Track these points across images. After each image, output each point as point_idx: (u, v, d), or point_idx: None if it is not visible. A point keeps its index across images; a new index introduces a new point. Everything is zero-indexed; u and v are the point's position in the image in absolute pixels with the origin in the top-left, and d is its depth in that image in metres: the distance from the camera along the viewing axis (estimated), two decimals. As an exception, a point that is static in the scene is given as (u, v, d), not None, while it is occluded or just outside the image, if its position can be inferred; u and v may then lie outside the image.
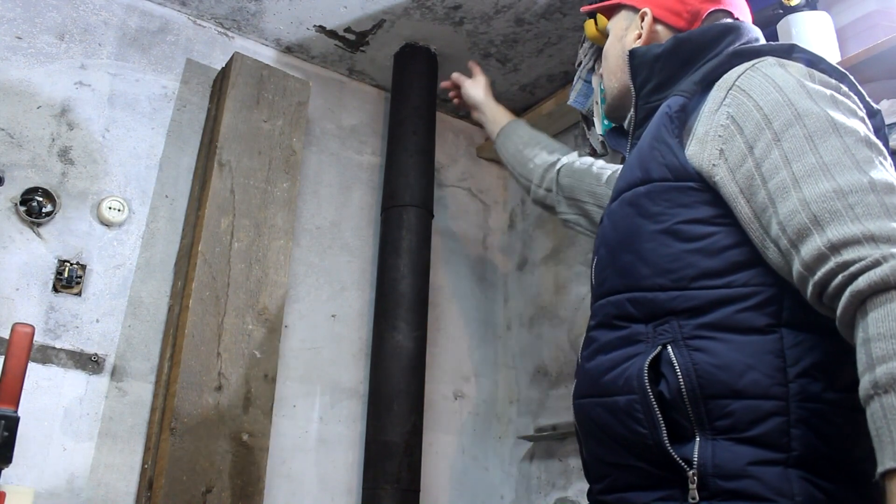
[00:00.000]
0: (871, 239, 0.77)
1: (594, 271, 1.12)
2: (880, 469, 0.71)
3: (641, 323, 0.96)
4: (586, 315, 2.58)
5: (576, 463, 2.46)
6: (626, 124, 1.20)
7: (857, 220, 0.78)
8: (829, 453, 0.84)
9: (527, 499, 2.62)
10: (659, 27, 1.18)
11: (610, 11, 1.31)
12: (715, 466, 0.85)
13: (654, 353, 0.92)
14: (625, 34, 1.23)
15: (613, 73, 1.24)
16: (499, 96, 2.97)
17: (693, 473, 0.86)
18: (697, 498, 0.86)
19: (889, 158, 0.88)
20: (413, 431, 2.26)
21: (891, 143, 1.48)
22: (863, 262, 0.76)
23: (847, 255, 0.78)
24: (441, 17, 2.55)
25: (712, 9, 1.17)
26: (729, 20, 1.16)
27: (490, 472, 2.73)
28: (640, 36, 1.18)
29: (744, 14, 1.21)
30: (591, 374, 1.02)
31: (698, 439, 0.88)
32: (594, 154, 2.29)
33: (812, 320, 0.86)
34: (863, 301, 0.76)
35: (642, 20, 1.19)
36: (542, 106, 2.83)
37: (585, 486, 2.39)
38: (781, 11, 1.76)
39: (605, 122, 1.41)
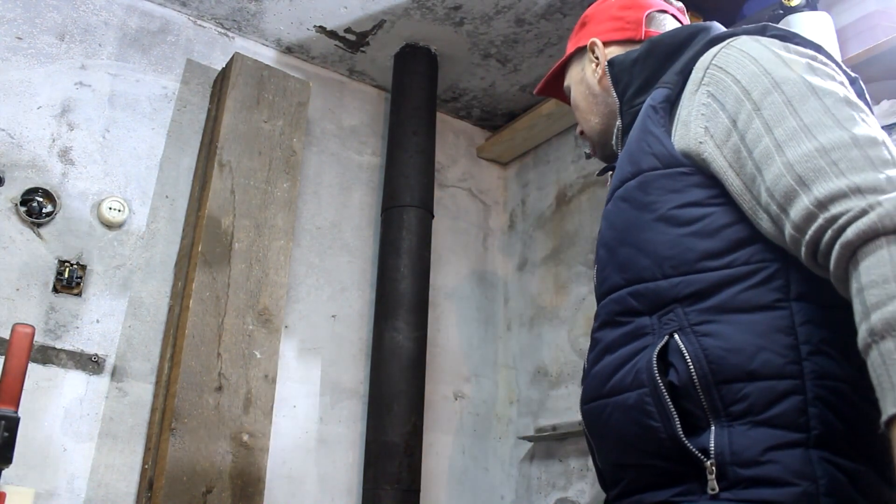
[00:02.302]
0: (858, 191, 0.76)
1: (595, 274, 1.11)
2: (884, 417, 0.70)
3: (645, 315, 0.95)
4: (586, 315, 2.59)
5: (576, 464, 2.46)
6: (614, 140, 1.21)
7: (841, 175, 0.78)
8: (847, 432, 0.82)
9: (527, 499, 2.62)
10: (611, 48, 1.24)
11: (562, 73, 1.37)
12: (733, 454, 0.83)
13: (661, 344, 0.90)
14: (583, 74, 1.28)
15: (590, 112, 1.27)
16: (499, 97, 2.98)
17: (711, 463, 0.84)
18: (717, 489, 0.84)
19: (872, 115, 0.88)
20: (413, 432, 2.26)
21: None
22: (850, 214, 0.75)
23: (834, 209, 0.77)
24: (441, 18, 2.55)
25: (648, 11, 1.23)
26: (667, 17, 1.23)
27: (490, 473, 2.73)
28: (597, 65, 1.23)
29: (677, 11, 1.27)
30: (599, 376, 1.00)
31: (713, 427, 0.85)
32: (594, 154, 2.29)
33: (822, 293, 0.85)
34: (853, 252, 0.75)
35: (593, 52, 1.25)
36: (542, 106, 2.83)
37: (585, 486, 2.40)
38: (781, 12, 1.76)
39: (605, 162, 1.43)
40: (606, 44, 1.23)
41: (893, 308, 0.70)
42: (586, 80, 1.26)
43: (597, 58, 1.23)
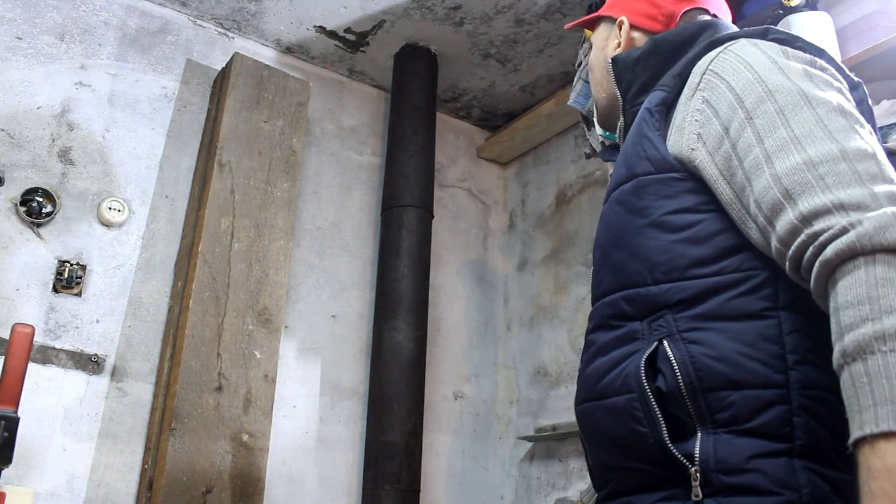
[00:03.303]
0: (841, 207, 0.76)
1: (592, 275, 1.12)
2: (851, 439, 0.70)
3: (637, 320, 0.95)
4: (586, 315, 2.59)
5: (576, 464, 2.46)
6: (617, 135, 1.20)
7: (827, 190, 0.78)
8: (833, 442, 0.82)
9: (527, 499, 2.62)
10: (636, 33, 1.20)
11: (592, 24, 1.34)
12: (717, 461, 0.84)
13: (650, 350, 0.91)
14: (606, 44, 1.25)
15: (600, 83, 1.25)
16: (499, 97, 2.98)
17: (695, 470, 0.84)
18: (700, 495, 0.84)
19: (868, 126, 0.87)
20: (413, 432, 2.26)
21: (890, 144, 1.48)
22: (831, 231, 0.76)
23: (817, 225, 0.77)
24: (441, 18, 2.55)
25: (687, 8, 1.17)
26: (706, 17, 1.17)
27: (490, 473, 2.73)
28: (619, 45, 1.20)
29: (721, 11, 1.22)
30: (591, 377, 1.01)
31: (699, 434, 0.86)
32: (594, 154, 2.29)
33: (810, 302, 0.84)
34: (832, 271, 0.75)
35: (620, 29, 1.21)
36: (542, 106, 2.83)
37: (585, 486, 2.40)
38: (781, 12, 1.76)
39: (604, 131, 1.41)
40: (634, 27, 1.19)
41: (865, 331, 0.71)
42: (606, 52, 1.23)
43: (621, 37, 1.20)
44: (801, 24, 1.70)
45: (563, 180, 2.91)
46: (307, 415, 2.38)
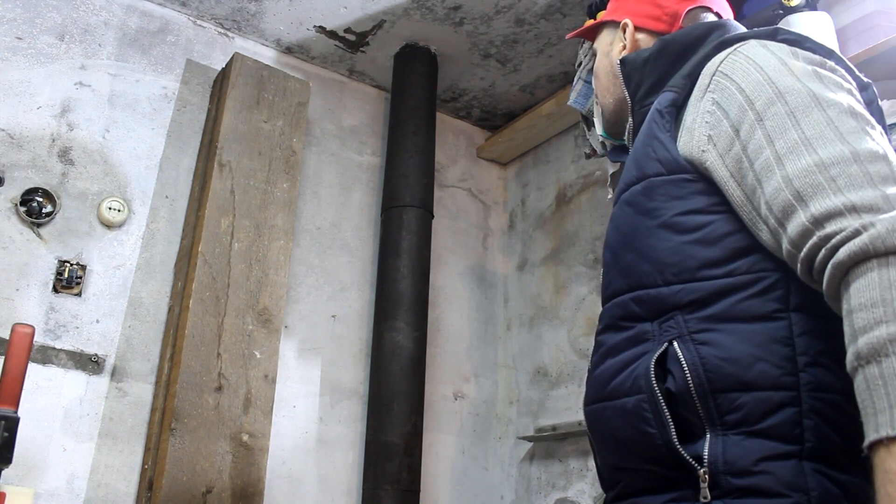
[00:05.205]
0: (853, 209, 0.76)
1: (602, 276, 1.11)
2: (866, 441, 0.71)
3: (647, 321, 0.95)
4: (586, 315, 2.59)
5: (576, 464, 2.46)
6: (626, 137, 1.20)
7: (839, 192, 0.78)
8: (843, 444, 0.83)
9: (527, 499, 2.62)
10: (641, 35, 1.20)
11: (594, 32, 1.33)
12: (726, 463, 0.84)
13: (660, 350, 0.91)
14: (610, 49, 1.25)
15: (606, 88, 1.25)
16: (499, 97, 2.98)
17: (704, 472, 0.84)
18: (709, 497, 0.84)
19: (878, 127, 0.87)
20: (413, 432, 2.26)
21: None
22: (843, 234, 0.76)
23: (829, 227, 0.77)
24: (441, 18, 2.55)
25: (690, 7, 1.17)
26: (710, 17, 1.17)
27: (490, 473, 2.73)
28: (624, 47, 1.20)
29: (723, 9, 1.22)
30: (600, 378, 1.01)
31: (709, 436, 0.86)
32: (594, 154, 2.29)
33: (821, 303, 0.84)
34: (845, 273, 0.75)
35: (624, 32, 1.21)
36: (542, 106, 2.83)
37: (585, 486, 2.40)
38: (781, 12, 1.76)
39: (605, 133, 1.40)
40: (638, 29, 1.19)
41: (879, 333, 0.71)
42: (612, 56, 1.23)
43: (626, 39, 1.20)
44: (801, 24, 1.70)
45: (563, 180, 2.91)
46: (307, 415, 2.38)
